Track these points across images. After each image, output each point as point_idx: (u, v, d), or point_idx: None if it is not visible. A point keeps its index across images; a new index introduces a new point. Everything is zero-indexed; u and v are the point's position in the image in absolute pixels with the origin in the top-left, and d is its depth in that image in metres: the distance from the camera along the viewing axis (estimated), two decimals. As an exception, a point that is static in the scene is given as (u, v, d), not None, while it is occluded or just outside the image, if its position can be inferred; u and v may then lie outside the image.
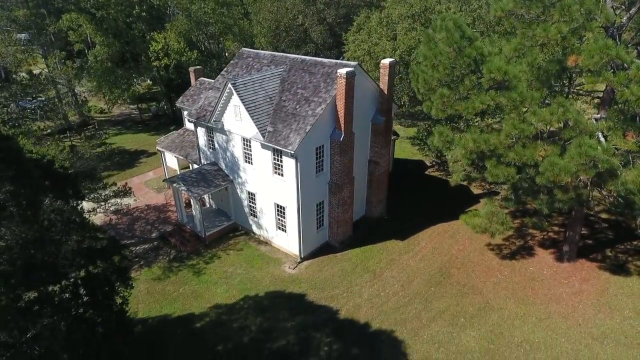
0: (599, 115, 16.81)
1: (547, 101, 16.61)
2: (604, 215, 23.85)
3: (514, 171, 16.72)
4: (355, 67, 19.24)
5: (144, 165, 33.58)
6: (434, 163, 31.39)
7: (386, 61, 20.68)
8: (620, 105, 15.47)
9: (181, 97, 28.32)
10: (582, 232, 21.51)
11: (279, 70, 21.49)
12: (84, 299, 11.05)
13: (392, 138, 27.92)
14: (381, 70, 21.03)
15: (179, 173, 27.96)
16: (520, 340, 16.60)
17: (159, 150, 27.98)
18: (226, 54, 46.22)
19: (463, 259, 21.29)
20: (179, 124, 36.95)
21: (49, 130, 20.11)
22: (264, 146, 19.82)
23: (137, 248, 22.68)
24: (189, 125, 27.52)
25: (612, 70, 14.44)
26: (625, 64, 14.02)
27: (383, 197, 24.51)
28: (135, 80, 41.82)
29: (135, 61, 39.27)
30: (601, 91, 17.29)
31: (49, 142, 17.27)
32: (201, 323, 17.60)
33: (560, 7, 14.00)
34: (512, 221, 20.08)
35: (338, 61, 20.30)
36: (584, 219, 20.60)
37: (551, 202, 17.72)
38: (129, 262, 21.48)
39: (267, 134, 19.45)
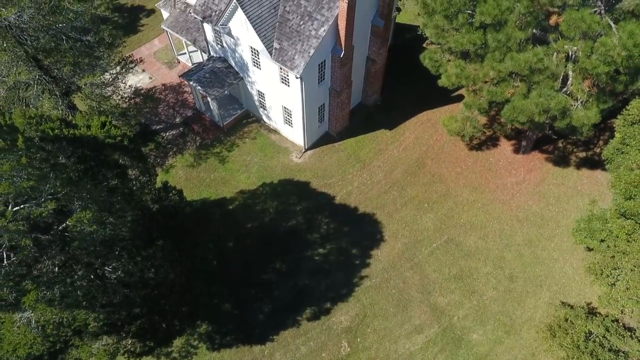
0: (575, 48, 18.65)
1: (530, 40, 18.23)
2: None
3: (485, 104, 19.77)
4: (358, -18, 19.46)
5: (147, 29, 33.94)
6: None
7: (390, -33, 20.40)
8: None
9: (177, -32, 27.18)
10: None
11: (281, -31, 21.17)
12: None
13: (394, 14, 28.35)
14: (384, -24, 20.88)
15: (190, 59, 29.42)
16: (464, 222, 23.02)
17: (165, 30, 28.69)
18: None
19: (438, 149, 25.94)
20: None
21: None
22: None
23: (167, 134, 26.90)
24: (191, 0, 27.51)
25: (584, 38, 15.98)
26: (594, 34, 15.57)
27: (378, 87, 27.22)
28: None
29: None
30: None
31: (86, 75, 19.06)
32: (233, 205, 23.66)
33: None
34: (487, 112, 23.24)
35: (341, -31, 20.01)
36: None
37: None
38: (164, 148, 26.28)
39: (273, 51, 21.16)
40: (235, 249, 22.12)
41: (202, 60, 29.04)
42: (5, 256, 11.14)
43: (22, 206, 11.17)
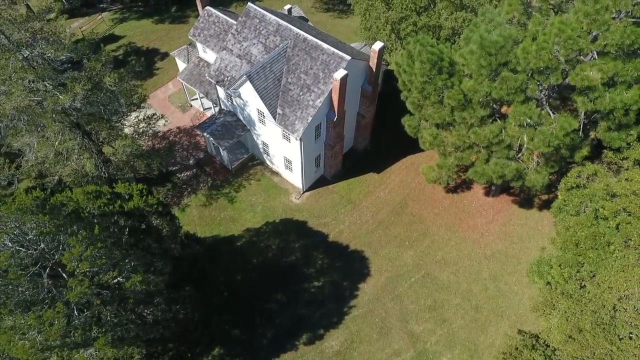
0: (530, 121, 22.47)
1: (491, 115, 22.08)
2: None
3: (454, 165, 23.63)
4: (349, 62, 23.28)
5: (161, 73, 37.61)
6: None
7: (376, 47, 24.21)
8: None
9: (192, 30, 30.94)
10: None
11: (285, 45, 24.93)
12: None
13: (382, 69, 32.21)
14: (371, 54, 24.72)
15: (201, 105, 33.14)
16: (439, 259, 26.83)
17: (180, 81, 32.44)
18: None
19: (419, 192, 29.75)
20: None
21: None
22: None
23: (182, 175, 30.64)
24: (204, 55, 31.32)
25: (528, 126, 19.85)
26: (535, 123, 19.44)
27: (367, 136, 31.07)
28: None
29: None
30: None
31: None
32: (240, 242, 27.41)
33: (501, 79, 18.45)
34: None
35: (335, 51, 23.76)
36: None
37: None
38: (179, 188, 30.01)
39: (277, 115, 24.95)
40: (242, 282, 25.86)
41: (211, 107, 32.89)
42: (76, 309, 14.89)
43: (89, 269, 14.93)
